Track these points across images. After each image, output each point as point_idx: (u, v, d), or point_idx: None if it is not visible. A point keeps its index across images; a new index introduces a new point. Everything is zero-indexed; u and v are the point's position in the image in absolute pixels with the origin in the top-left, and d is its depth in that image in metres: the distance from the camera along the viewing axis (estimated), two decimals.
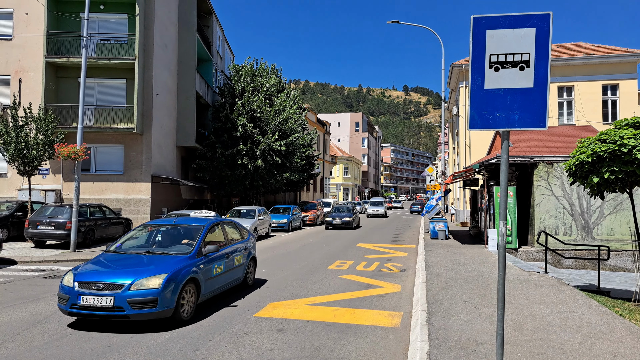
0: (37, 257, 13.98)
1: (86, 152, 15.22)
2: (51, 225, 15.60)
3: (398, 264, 13.89)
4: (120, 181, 22.20)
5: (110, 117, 22.32)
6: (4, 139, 16.95)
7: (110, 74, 22.48)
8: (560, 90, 29.83)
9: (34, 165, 17.38)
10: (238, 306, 8.31)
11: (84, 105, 15.93)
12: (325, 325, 7.11)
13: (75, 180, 15.28)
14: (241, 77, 29.86)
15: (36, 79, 21.99)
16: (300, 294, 9.42)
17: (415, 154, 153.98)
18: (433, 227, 20.22)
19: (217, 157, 27.19)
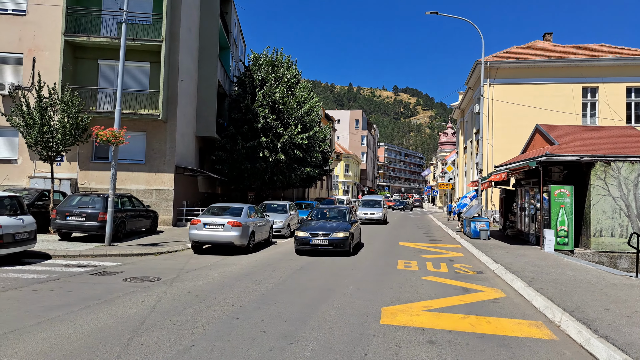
0: (71, 251, 12.67)
1: (126, 137, 13.91)
2: (82, 217, 14.27)
3: (465, 264, 12.94)
4: (142, 171, 20.84)
5: (132, 103, 20.92)
6: (25, 121, 15.51)
7: (132, 56, 21.01)
8: (584, 90, 29.29)
9: (58, 150, 15.99)
10: (347, 312, 7.25)
11: (122, 87, 14.63)
12: (475, 337, 6.11)
13: (112, 167, 13.97)
14: (261, 67, 28.60)
15: (52, 58, 20.49)
16: (402, 297, 8.39)
17: (408, 154, 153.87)
18: (474, 226, 19.37)
19: (238, 149, 25.94)
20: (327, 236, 13.49)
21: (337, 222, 14.62)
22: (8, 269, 10.21)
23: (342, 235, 13.53)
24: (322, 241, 13.42)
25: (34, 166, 20.39)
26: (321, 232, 13.62)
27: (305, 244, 13.63)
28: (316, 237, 13.54)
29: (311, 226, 14.22)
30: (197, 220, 13.78)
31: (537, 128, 21.22)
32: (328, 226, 14.08)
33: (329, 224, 14.40)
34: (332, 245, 13.38)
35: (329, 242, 13.37)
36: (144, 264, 11.66)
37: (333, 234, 13.52)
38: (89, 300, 7.66)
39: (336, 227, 13.94)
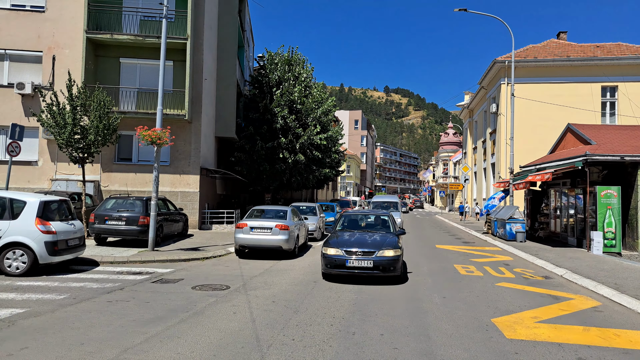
0: (118, 257, 12.07)
1: (170, 137, 13.31)
2: (121, 221, 13.65)
3: (524, 269, 12.58)
4: (166, 173, 20.19)
5: (154, 102, 20.27)
6: (56, 122, 14.82)
7: (155, 54, 20.26)
8: (603, 89, 29.21)
9: (90, 152, 15.33)
10: (460, 324, 6.81)
11: (163, 87, 14.03)
12: (621, 353, 5.71)
13: (154, 169, 13.38)
14: (277, 66, 28.05)
15: (72, 56, 19.78)
16: (500, 307, 7.98)
17: (403, 154, 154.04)
18: (510, 228, 19.06)
19: (257, 150, 25.39)
20: (371, 255, 9.52)
21: (379, 235, 10.77)
22: (64, 277, 9.61)
23: (392, 254, 9.58)
24: (363, 262, 9.46)
25: (55, 168, 19.67)
26: (360, 249, 9.68)
27: (338, 267, 9.61)
28: (354, 256, 9.56)
29: (344, 239, 10.23)
30: (244, 224, 13.25)
31: (569, 127, 20.98)
32: (369, 240, 10.21)
33: (369, 237, 10.59)
34: (379, 268, 9.48)
35: (373, 265, 9.45)
36: (197, 271, 11.11)
37: (379, 253, 9.55)
38: (177, 312, 7.13)
39: (381, 242, 10.01)
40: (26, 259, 9.43)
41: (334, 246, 9.94)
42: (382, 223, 12.11)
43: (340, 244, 10.01)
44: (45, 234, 9.53)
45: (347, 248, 9.76)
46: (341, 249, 9.76)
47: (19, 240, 9.40)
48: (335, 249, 9.83)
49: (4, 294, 7.91)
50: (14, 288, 8.42)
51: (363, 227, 12.07)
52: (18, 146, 13.37)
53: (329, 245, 10.09)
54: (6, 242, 9.37)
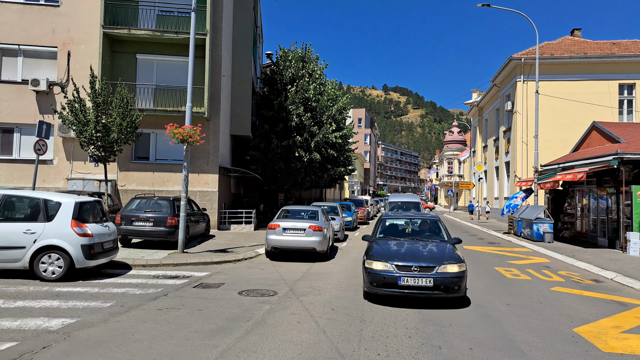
0: (150, 260, 11.61)
1: (201, 135, 12.84)
2: (149, 222, 13.18)
3: (569, 272, 12.20)
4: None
5: (171, 100, 19.81)
6: (78, 119, 14.33)
7: (173, 50, 19.91)
8: (620, 87, 28.87)
9: (113, 150, 14.84)
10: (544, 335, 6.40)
11: (192, 83, 13.55)
12: None
13: (184, 168, 12.90)
14: (291, 62, 27.55)
15: (88, 52, 19.26)
16: (573, 316, 7.58)
17: (404, 153, 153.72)
18: (537, 228, 18.67)
19: (272, 149, 24.92)
20: (430, 272, 7.54)
21: (434, 244, 8.81)
22: (101, 282, 9.15)
23: (457, 269, 7.61)
24: (420, 280, 7.48)
25: (70, 167, 19.18)
26: (416, 263, 7.67)
27: (388, 285, 7.64)
28: (409, 272, 7.58)
29: (392, 250, 8.32)
30: (276, 225, 12.81)
31: (595, 125, 20.62)
32: (424, 252, 8.26)
33: (421, 247, 8.62)
34: (440, 288, 7.47)
35: (434, 283, 7.45)
36: (234, 274, 10.66)
37: (441, 268, 7.56)
38: (236, 321, 6.69)
39: (439, 255, 8.05)
40: (62, 264, 8.96)
41: (380, 259, 7.89)
42: (432, 228, 9.94)
43: (388, 256, 7.98)
44: (81, 236, 9.06)
45: (399, 262, 7.71)
46: (390, 263, 7.73)
47: (54, 243, 8.93)
48: (383, 263, 7.77)
49: (47, 302, 7.45)
50: (55, 295, 7.96)
51: (408, 233, 9.94)
52: (45, 144, 12.88)
53: (372, 257, 8.03)
54: (42, 246, 8.90)
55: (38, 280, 8.98)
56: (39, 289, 8.35)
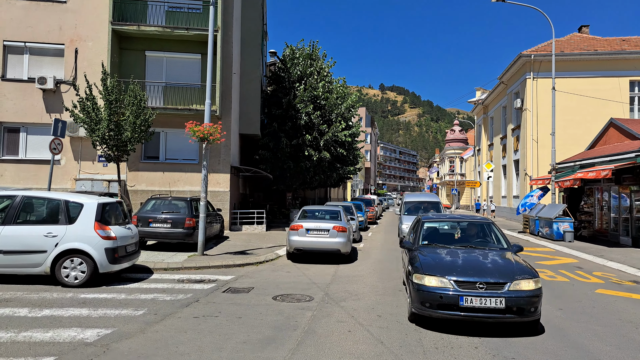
0: (171, 263, 11.14)
1: (222, 133, 12.37)
2: (167, 223, 12.72)
3: (604, 272, 11.81)
4: (195, 171, 19.23)
5: (182, 98, 19.31)
6: (90, 117, 13.83)
7: (183, 47, 19.42)
8: (631, 84, 28.56)
9: (127, 149, 14.35)
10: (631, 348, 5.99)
11: (211, 81, 13.07)
12: None
13: (203, 167, 12.42)
14: (299, 60, 27.07)
15: (96, 49, 18.75)
16: (636, 321, 7.16)
17: (403, 152, 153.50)
18: (557, 227, 18.31)
19: (281, 148, 24.44)
20: (500, 289, 6.07)
21: (495, 253, 7.30)
22: (126, 287, 8.68)
23: (533, 286, 6.15)
24: (488, 301, 5.97)
25: (78, 167, 18.67)
26: (481, 278, 6.18)
27: (447, 307, 6.12)
28: (474, 291, 6.09)
29: (445, 261, 6.87)
30: (299, 226, 12.36)
31: (612, 122, 20.29)
32: (488, 263, 6.73)
33: (481, 256, 7.10)
34: (512, 310, 5.98)
35: (506, 304, 5.95)
36: (260, 277, 10.22)
37: (513, 285, 6.09)
38: (283, 330, 6.25)
39: (506, 267, 6.57)
40: (85, 268, 8.49)
41: (433, 272, 6.38)
42: (485, 233, 8.33)
43: (443, 269, 6.48)
44: (105, 239, 8.59)
45: (459, 277, 6.23)
46: (448, 278, 6.22)
47: (77, 247, 8.45)
48: (438, 278, 6.26)
49: (76, 310, 6.99)
50: (81, 302, 7.49)
51: (457, 239, 8.33)
52: (61, 143, 12.37)
53: (422, 270, 6.51)
54: (64, 250, 8.42)
55: (59, 286, 8.50)
56: (62, 295, 7.88)
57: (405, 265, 7.89)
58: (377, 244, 17.39)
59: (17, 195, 8.71)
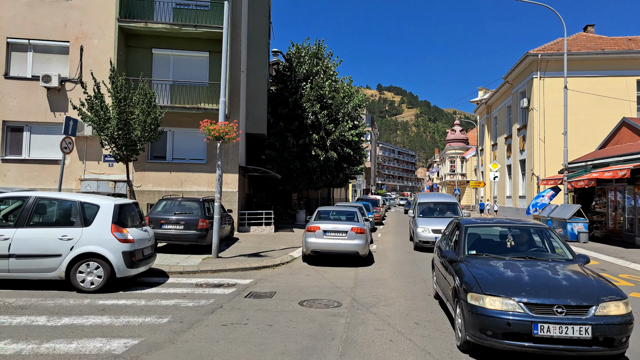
0: (186, 266, 10.76)
1: (238, 132, 12.02)
2: (179, 225, 12.34)
3: (632, 276, 11.51)
4: (203, 172, 18.86)
5: (189, 96, 18.92)
6: (99, 116, 13.44)
7: (190, 45, 19.03)
8: (639, 83, 28.32)
9: (136, 148, 13.97)
10: None
11: (225, 77, 12.72)
12: None
13: (217, 167, 12.07)
14: (305, 59, 26.70)
15: (102, 47, 18.34)
16: None
17: (401, 152, 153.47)
18: (571, 228, 18.02)
19: (288, 147, 24.09)
20: (583, 314, 5.00)
21: (561, 266, 6.12)
22: (144, 292, 8.30)
23: (623, 310, 5.11)
24: (572, 329, 4.87)
25: (83, 167, 18.24)
26: (559, 300, 5.08)
27: (517, 337, 4.97)
28: (550, 316, 4.97)
29: (508, 278, 5.59)
30: (316, 227, 12.01)
31: (625, 121, 20.05)
32: (563, 281, 5.55)
33: (550, 271, 5.87)
34: (598, 340, 4.91)
35: (592, 334, 4.87)
36: (280, 281, 9.87)
37: (600, 309, 5.04)
38: (320, 339, 5.90)
39: (587, 285, 5.44)
40: (102, 273, 8.11)
41: (494, 291, 5.17)
42: (541, 240, 7.12)
43: (507, 287, 5.26)
44: (123, 242, 8.22)
45: (530, 297, 5.04)
46: (515, 299, 5.04)
47: (94, 250, 8.07)
48: (502, 299, 5.06)
49: (97, 318, 6.61)
50: (101, 309, 7.12)
51: (510, 248, 6.95)
52: (72, 142, 11.97)
53: (479, 288, 5.29)
54: (80, 253, 8.04)
55: (75, 291, 8.12)
56: (80, 302, 7.50)
57: (443, 277, 6.87)
58: (390, 246, 17.05)
59: (29, 196, 8.32)
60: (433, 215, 16.99)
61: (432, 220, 16.18)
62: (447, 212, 17.50)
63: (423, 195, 20.51)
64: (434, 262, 8.37)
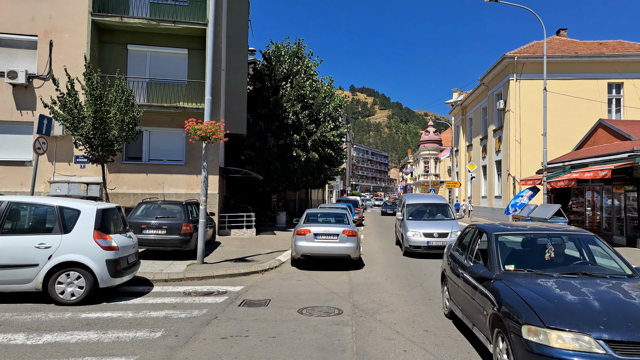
0: (171, 273, 10.17)
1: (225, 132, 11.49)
2: (162, 229, 11.70)
3: None
4: (181, 173, 18.18)
5: (167, 95, 18.21)
6: (72, 114, 12.66)
7: (168, 41, 18.31)
8: (609, 86, 29.11)
9: (113, 149, 13.25)
10: None
11: (211, 73, 12.14)
12: None
13: (203, 169, 11.53)
14: (285, 58, 26.23)
15: (73, 42, 17.44)
16: None
17: (375, 153, 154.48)
18: None
19: (268, 148, 23.56)
20: None
21: (626, 284, 4.90)
22: (130, 303, 7.72)
23: None
24: None
25: (52, 169, 17.28)
26: None
27: None
28: None
29: (571, 303, 4.29)
30: (306, 230, 11.61)
31: (601, 123, 20.44)
32: None
33: (621, 293, 4.58)
34: None
35: None
36: (273, 287, 9.42)
37: None
38: (330, 351, 5.52)
39: None
40: (84, 283, 7.49)
41: (562, 324, 3.98)
42: (587, 251, 5.94)
43: (576, 317, 4.06)
44: (106, 250, 7.62)
45: (611, 333, 3.87)
46: (592, 335, 3.86)
47: (74, 259, 7.44)
48: (575, 335, 3.89)
49: (82, 334, 6.02)
50: (85, 323, 6.53)
51: (550, 262, 5.58)
52: (46, 142, 11.12)
53: (539, 319, 4.07)
54: (59, 263, 7.39)
55: (53, 304, 7.47)
56: (60, 316, 6.88)
57: (468, 296, 5.66)
58: (376, 247, 16.80)
59: (1, 201, 7.62)
60: (423, 218, 15.81)
61: (422, 223, 15.03)
62: (438, 214, 16.19)
63: (412, 196, 19.01)
64: (445, 274, 7.27)
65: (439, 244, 13.71)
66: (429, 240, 13.96)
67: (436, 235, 14.09)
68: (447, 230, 14.27)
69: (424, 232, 14.22)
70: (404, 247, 14.66)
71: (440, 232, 14.18)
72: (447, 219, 15.73)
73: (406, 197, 18.04)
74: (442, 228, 14.41)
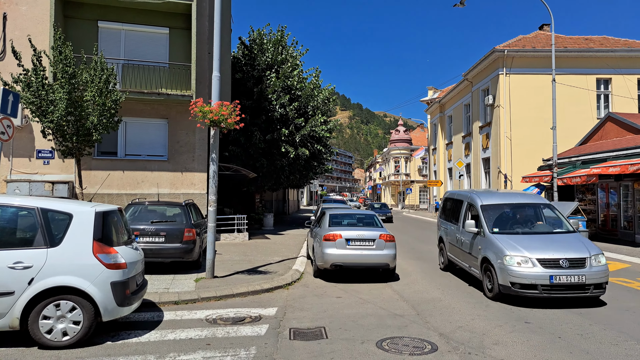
0: (180, 292, 8.00)
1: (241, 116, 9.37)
2: (159, 236, 9.45)
3: None
4: (164, 170, 15.81)
5: (146, 80, 15.78)
6: (40, 96, 10.19)
7: (146, 18, 15.88)
8: (598, 81, 28.77)
9: (91, 139, 10.84)
10: None
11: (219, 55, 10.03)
12: None
13: (211, 161, 9.36)
14: (267, 46, 24.10)
15: (31, 16, 14.77)
16: None
17: (339, 153, 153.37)
18: None
19: (254, 143, 21.41)
20: None
21: None
22: (141, 341, 5.56)
23: None
24: None
25: (9, 165, 14.53)
26: None
27: None
28: None
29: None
30: (336, 235, 9.68)
31: (611, 116, 19.64)
32: None
33: None
34: None
35: None
36: (313, 308, 7.49)
37: None
38: None
39: None
40: (80, 317, 5.29)
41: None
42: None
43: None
44: (111, 269, 5.45)
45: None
46: None
47: (67, 283, 5.23)
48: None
49: None
50: None
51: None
52: (11, 125, 8.55)
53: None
54: (45, 289, 5.16)
55: (36, 347, 5.23)
56: None
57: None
58: None
59: None
60: (516, 229, 8.86)
61: (524, 239, 8.24)
62: (538, 221, 9.32)
63: (484, 194, 10.23)
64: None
65: (572, 282, 7.46)
66: (552, 272, 7.49)
67: (565, 263, 7.60)
68: (580, 253, 7.76)
69: (538, 257, 7.65)
70: (498, 284, 7.88)
71: (569, 256, 7.68)
72: (561, 230, 8.85)
73: (475, 195, 9.91)
74: (566, 249, 7.86)
